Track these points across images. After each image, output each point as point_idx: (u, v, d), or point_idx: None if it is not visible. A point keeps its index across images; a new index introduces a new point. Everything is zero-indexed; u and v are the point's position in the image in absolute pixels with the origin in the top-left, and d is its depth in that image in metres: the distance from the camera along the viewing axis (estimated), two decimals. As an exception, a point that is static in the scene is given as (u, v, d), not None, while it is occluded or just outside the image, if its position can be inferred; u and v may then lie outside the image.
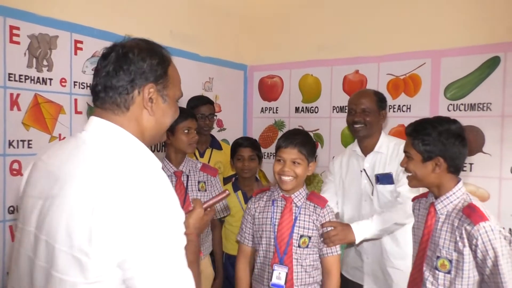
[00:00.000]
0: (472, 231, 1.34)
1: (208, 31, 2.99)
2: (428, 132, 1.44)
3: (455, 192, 1.44)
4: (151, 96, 0.97)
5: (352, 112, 2.03)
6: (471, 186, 2.49)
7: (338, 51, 2.95)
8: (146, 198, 0.83)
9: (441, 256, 1.42)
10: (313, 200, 1.74)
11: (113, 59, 0.96)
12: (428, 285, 1.44)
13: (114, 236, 0.80)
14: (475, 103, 2.49)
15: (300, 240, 1.67)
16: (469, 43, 2.49)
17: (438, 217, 1.46)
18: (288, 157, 1.66)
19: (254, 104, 3.39)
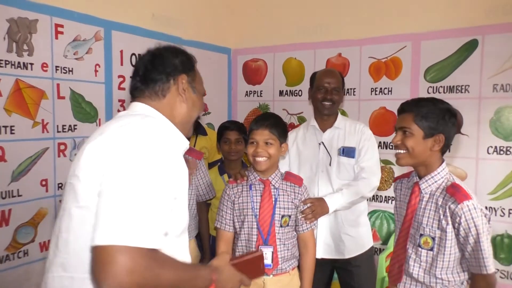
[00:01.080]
0: (456, 210, 1.37)
1: (191, 14, 2.97)
2: (431, 109, 1.45)
3: (440, 172, 1.47)
4: (183, 85, 1.13)
5: (322, 90, 2.09)
6: (449, 167, 2.54)
7: (321, 34, 2.97)
8: (139, 142, 0.92)
9: (424, 234, 1.45)
10: (290, 179, 1.82)
11: (149, 59, 1.14)
12: (411, 262, 1.49)
13: (98, 166, 0.91)
14: (453, 86, 2.55)
15: (281, 220, 1.74)
16: (448, 26, 2.53)
17: (422, 196, 1.49)
18: (260, 138, 1.72)
19: (239, 88, 3.40)
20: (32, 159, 2.04)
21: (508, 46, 2.38)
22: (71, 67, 2.19)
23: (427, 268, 1.46)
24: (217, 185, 2.36)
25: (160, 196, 0.90)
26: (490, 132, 2.45)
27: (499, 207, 2.43)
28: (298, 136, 2.22)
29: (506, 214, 2.41)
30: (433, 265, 1.45)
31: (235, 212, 1.78)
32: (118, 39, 2.43)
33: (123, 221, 0.83)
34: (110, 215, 0.84)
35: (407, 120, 1.47)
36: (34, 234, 2.06)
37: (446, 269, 1.44)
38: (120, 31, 2.45)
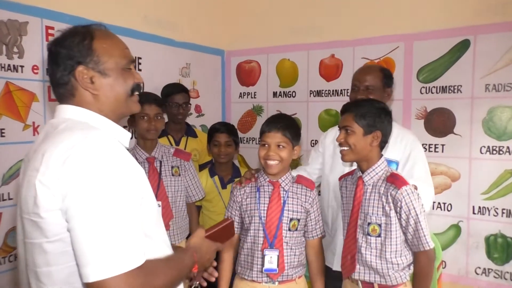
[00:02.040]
0: (397, 195, 1.53)
1: (184, 16, 2.96)
2: (369, 109, 1.61)
3: (380, 165, 1.63)
4: (84, 79, 0.99)
5: (355, 89, 1.95)
6: (442, 167, 2.57)
7: (314, 35, 2.97)
8: (87, 158, 0.87)
9: (372, 222, 1.59)
10: (302, 182, 1.78)
11: (48, 58, 1.03)
12: (363, 250, 1.60)
13: (57, 202, 0.86)
14: (446, 86, 2.56)
15: (290, 224, 1.71)
16: (440, 26, 2.54)
17: (366, 188, 1.62)
18: (272, 141, 1.68)
19: (232, 89, 3.40)
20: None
21: (499, 46, 2.38)
22: (62, 70, 2.18)
23: (377, 254, 1.58)
24: (207, 187, 2.35)
25: (129, 208, 0.88)
26: (483, 132, 2.45)
27: (492, 207, 2.43)
28: (334, 137, 2.12)
29: (499, 214, 2.42)
30: (383, 250, 1.57)
31: (242, 214, 1.75)
32: (110, 41, 2.42)
33: (107, 252, 0.82)
34: (91, 250, 0.82)
35: (348, 119, 1.60)
36: (25, 237, 2.04)
37: (395, 252, 1.57)
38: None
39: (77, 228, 0.84)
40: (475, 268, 2.50)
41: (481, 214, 2.46)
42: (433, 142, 2.60)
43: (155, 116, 2.00)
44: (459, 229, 2.53)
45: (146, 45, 2.65)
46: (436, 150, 2.58)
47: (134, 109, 1.10)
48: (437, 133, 2.59)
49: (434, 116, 2.59)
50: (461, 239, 2.53)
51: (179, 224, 2.08)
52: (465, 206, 2.52)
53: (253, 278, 1.70)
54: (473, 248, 2.49)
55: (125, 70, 1.05)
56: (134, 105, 1.10)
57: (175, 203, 2.08)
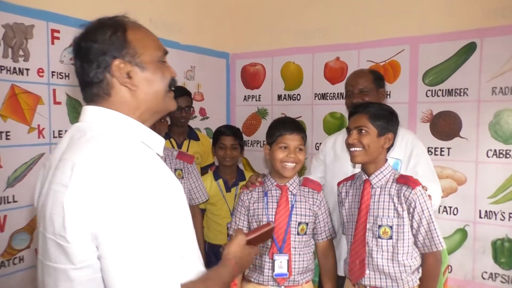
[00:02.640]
0: (411, 195, 1.53)
1: (189, 19, 2.97)
2: (382, 110, 1.62)
3: (387, 167, 1.63)
4: (122, 71, 0.91)
5: (350, 94, 2.00)
6: (448, 170, 2.55)
7: (319, 38, 2.96)
8: (120, 178, 0.78)
9: (383, 224, 1.56)
10: (308, 185, 1.77)
11: (74, 57, 0.95)
12: (374, 254, 1.58)
13: (86, 217, 0.76)
14: (452, 89, 2.54)
15: (298, 228, 1.70)
16: (446, 29, 2.52)
17: (374, 190, 1.61)
18: (293, 143, 1.68)
19: (237, 92, 3.39)
20: (28, 164, 2.03)
21: (506, 49, 2.36)
22: (68, 72, 2.19)
23: (389, 257, 1.56)
24: (212, 190, 2.34)
25: (165, 232, 0.81)
26: (489, 135, 2.43)
27: (499, 210, 2.41)
28: (337, 142, 2.12)
29: (506, 218, 2.39)
30: (395, 252, 1.55)
31: (249, 219, 1.74)
32: (115, 44, 2.43)
33: (142, 281, 0.76)
34: (125, 279, 0.76)
35: (363, 120, 1.60)
36: (29, 240, 2.04)
37: (406, 254, 1.55)
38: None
39: (109, 255, 0.77)
40: (482, 273, 2.47)
41: (488, 218, 2.44)
42: (439, 146, 2.58)
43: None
44: (466, 233, 2.51)
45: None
46: (442, 154, 2.56)
47: (171, 106, 1.01)
48: (443, 137, 2.57)
49: (440, 120, 2.57)
50: (467, 243, 2.50)
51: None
52: (471, 210, 2.49)
53: (260, 282, 1.71)
54: (480, 253, 2.47)
55: (161, 62, 0.98)
56: (171, 102, 1.01)
57: (179, 206, 2.07)
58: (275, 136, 1.71)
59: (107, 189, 0.77)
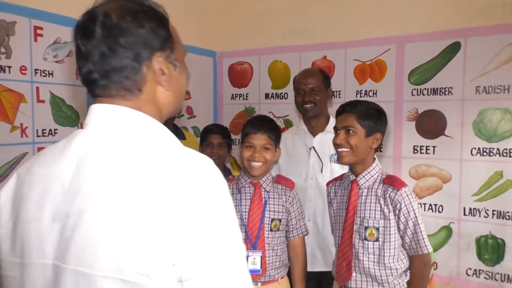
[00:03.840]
0: (396, 197, 1.50)
1: (175, 16, 2.92)
2: (370, 110, 1.59)
3: (375, 167, 1.61)
4: (161, 67, 0.78)
5: (301, 92, 2.06)
6: (434, 168, 2.58)
7: (306, 37, 2.97)
8: (193, 195, 0.68)
9: (369, 226, 1.54)
10: (281, 182, 1.79)
11: (102, 35, 0.74)
12: (360, 256, 1.56)
13: (170, 246, 0.65)
14: (437, 88, 2.57)
15: (271, 224, 1.71)
16: (431, 28, 2.55)
17: (362, 191, 1.59)
18: (258, 142, 1.69)
19: (224, 91, 3.38)
20: (11, 164, 1.98)
21: (490, 49, 2.40)
22: (51, 70, 2.15)
23: (375, 260, 1.54)
24: None
25: (244, 254, 0.74)
26: (473, 134, 2.47)
27: (483, 208, 2.45)
28: (286, 141, 2.16)
29: (489, 215, 2.43)
30: (381, 255, 1.53)
31: None
32: (100, 41, 2.39)
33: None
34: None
35: (350, 119, 1.57)
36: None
37: (393, 257, 1.53)
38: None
39: (204, 275, 0.66)
40: (466, 269, 2.51)
41: (472, 216, 2.48)
42: (424, 144, 2.61)
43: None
44: (450, 231, 2.55)
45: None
46: (428, 152, 2.59)
47: (181, 109, 0.96)
48: (428, 135, 2.60)
49: (426, 118, 2.60)
50: (452, 240, 2.54)
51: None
52: (456, 208, 2.53)
53: None
54: (464, 250, 2.51)
55: (185, 62, 0.87)
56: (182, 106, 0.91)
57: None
58: (243, 135, 1.75)
59: (184, 216, 0.66)
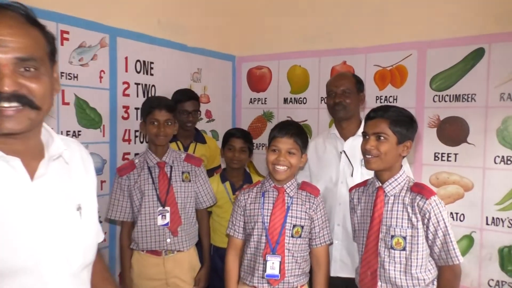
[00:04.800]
0: (425, 206, 1.46)
1: (196, 21, 2.98)
2: (404, 117, 1.54)
3: (402, 175, 1.56)
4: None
5: (332, 95, 2.04)
6: (455, 176, 2.53)
7: (326, 42, 2.96)
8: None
9: (395, 235, 1.49)
10: (306, 189, 1.77)
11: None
12: (386, 265, 1.51)
13: None
14: (460, 94, 2.53)
15: (293, 230, 1.69)
16: (454, 34, 2.51)
17: (388, 199, 1.54)
18: (283, 146, 1.68)
19: (243, 95, 3.40)
20: (35, 164, 2.03)
21: (515, 55, 2.35)
22: (76, 73, 2.20)
23: (402, 269, 1.49)
24: (218, 193, 2.33)
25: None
26: (497, 142, 2.41)
27: (506, 217, 2.39)
28: (318, 145, 2.15)
29: (513, 225, 2.37)
30: (408, 264, 1.48)
31: (246, 219, 1.75)
32: (123, 45, 2.44)
33: None
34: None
35: (382, 125, 1.52)
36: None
37: (420, 267, 1.48)
38: (126, 37, 2.46)
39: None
40: (488, 280, 2.45)
41: (495, 225, 2.42)
42: (445, 151, 2.56)
43: (165, 122, 1.98)
44: (472, 240, 2.49)
45: (158, 50, 2.67)
46: (449, 159, 2.55)
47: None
48: (449, 142, 2.55)
49: (447, 125, 2.56)
50: (474, 250, 2.48)
51: (188, 231, 2.06)
52: (478, 217, 2.47)
53: (254, 284, 1.70)
54: (486, 260, 2.45)
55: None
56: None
57: (184, 209, 2.06)
58: (270, 139, 1.75)
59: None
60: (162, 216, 1.98)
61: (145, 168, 2.02)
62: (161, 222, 1.97)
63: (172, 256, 2.01)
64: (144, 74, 2.59)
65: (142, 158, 2.06)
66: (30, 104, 0.82)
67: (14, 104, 0.79)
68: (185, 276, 2.06)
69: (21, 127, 0.81)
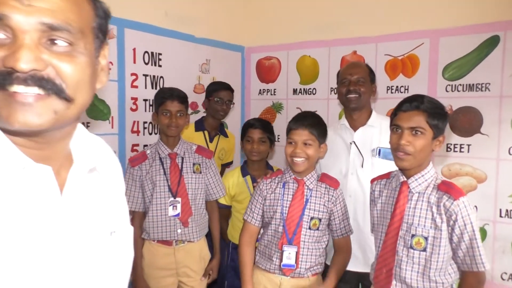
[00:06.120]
0: (452, 207, 1.35)
1: (204, 12, 2.95)
2: (439, 109, 1.40)
3: (429, 171, 1.46)
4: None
5: (346, 83, 1.99)
6: (468, 167, 2.49)
7: (336, 31, 2.91)
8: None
9: (416, 234, 1.40)
10: (326, 181, 1.78)
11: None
12: (403, 265, 1.43)
13: None
14: (473, 84, 2.47)
15: (310, 222, 1.71)
16: (468, 22, 2.45)
17: (412, 195, 1.45)
18: (299, 138, 1.68)
19: (252, 86, 3.37)
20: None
21: (531, 43, 2.28)
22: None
23: (420, 271, 1.41)
24: (239, 187, 2.25)
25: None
26: (511, 132, 2.36)
27: (520, 209, 2.34)
28: (329, 136, 2.12)
29: (528, 217, 2.32)
30: (427, 267, 1.40)
31: (265, 208, 1.78)
32: (131, 37, 2.43)
33: None
34: None
35: (419, 118, 1.39)
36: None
37: (439, 270, 1.39)
38: (133, 29, 2.44)
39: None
40: (501, 274, 2.41)
41: (509, 218, 2.38)
42: (458, 142, 2.52)
43: (177, 113, 1.98)
44: (485, 233, 2.45)
45: (166, 41, 2.65)
46: (462, 151, 2.50)
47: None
48: (462, 133, 2.50)
49: (460, 115, 2.51)
50: (486, 242, 2.44)
51: (198, 222, 2.07)
52: (491, 209, 2.43)
53: (266, 269, 1.75)
54: (499, 253, 2.41)
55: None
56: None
57: (195, 201, 2.07)
58: (287, 131, 1.75)
59: None
60: (173, 206, 1.99)
61: (156, 159, 2.03)
62: (172, 213, 1.99)
63: (183, 247, 2.03)
64: (152, 66, 2.58)
65: (153, 149, 2.07)
66: (58, 92, 0.58)
67: (32, 89, 0.56)
68: (196, 266, 2.07)
69: (41, 122, 0.57)
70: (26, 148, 0.62)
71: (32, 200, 0.61)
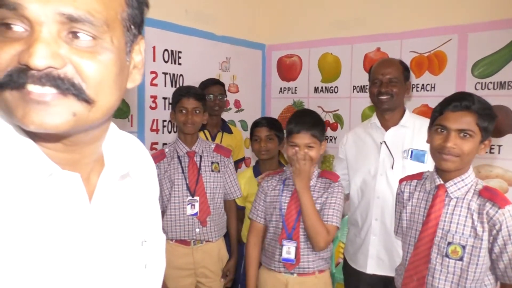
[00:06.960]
0: (497, 215, 1.26)
1: (224, 9, 2.92)
2: (488, 111, 1.30)
3: (470, 175, 1.35)
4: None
5: (377, 83, 1.90)
6: (498, 169, 2.38)
7: (359, 28, 2.84)
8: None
9: (453, 242, 1.31)
10: (325, 175, 1.78)
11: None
12: (437, 274, 1.34)
13: None
14: (505, 81, 2.36)
15: None
16: (499, 16, 2.34)
17: (449, 200, 1.36)
18: (302, 142, 1.66)
19: (273, 84, 3.33)
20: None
21: None
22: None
23: (455, 281, 1.31)
24: (251, 187, 2.21)
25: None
26: (545, 132, 2.24)
27: (555, 214, 2.22)
28: (357, 136, 2.05)
29: None
30: (463, 277, 1.30)
31: (267, 204, 1.79)
32: (151, 35, 2.42)
33: None
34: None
35: (469, 120, 1.28)
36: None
37: (476, 281, 1.30)
38: (153, 27, 2.43)
39: None
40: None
41: (542, 222, 2.26)
42: (487, 142, 2.41)
43: (193, 110, 1.97)
44: (516, 237, 2.34)
45: (186, 39, 2.64)
46: (492, 152, 2.39)
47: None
48: (493, 133, 2.38)
49: (490, 114, 2.40)
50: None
51: (216, 221, 2.05)
52: (523, 213, 2.31)
53: (272, 268, 1.74)
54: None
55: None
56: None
57: (213, 200, 2.04)
58: (287, 132, 1.73)
59: None
60: (191, 205, 1.98)
61: (175, 157, 2.02)
62: (190, 212, 1.97)
63: (201, 247, 2.01)
64: (172, 64, 2.57)
65: (172, 147, 2.06)
66: (76, 93, 0.52)
67: (49, 90, 0.50)
68: (214, 266, 2.05)
69: (57, 123, 0.51)
70: (54, 151, 0.57)
71: (59, 209, 0.57)
